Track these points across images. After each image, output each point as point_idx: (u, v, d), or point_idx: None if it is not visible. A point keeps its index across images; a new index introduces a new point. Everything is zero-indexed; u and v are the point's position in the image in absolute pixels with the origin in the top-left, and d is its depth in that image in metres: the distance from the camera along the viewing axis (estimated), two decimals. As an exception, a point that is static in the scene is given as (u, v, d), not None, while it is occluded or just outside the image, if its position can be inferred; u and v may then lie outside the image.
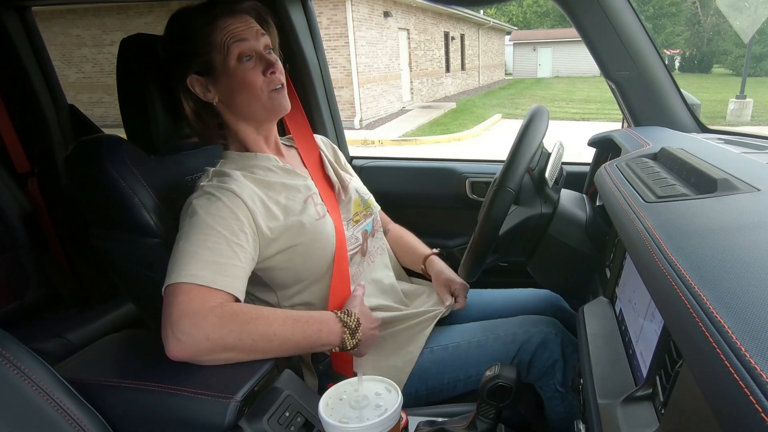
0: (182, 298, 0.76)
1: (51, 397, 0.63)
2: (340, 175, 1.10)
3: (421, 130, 10.59)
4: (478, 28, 20.30)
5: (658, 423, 0.49)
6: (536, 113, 0.94)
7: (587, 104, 14.27)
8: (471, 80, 20.12)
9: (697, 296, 0.37)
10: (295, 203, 0.96)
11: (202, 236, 0.81)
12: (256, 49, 0.92)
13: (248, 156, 0.99)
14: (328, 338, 0.85)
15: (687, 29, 28.34)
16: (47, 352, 1.36)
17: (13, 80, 1.67)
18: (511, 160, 0.90)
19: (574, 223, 1.01)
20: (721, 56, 26.95)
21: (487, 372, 0.74)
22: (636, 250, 0.53)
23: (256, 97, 0.93)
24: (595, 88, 18.33)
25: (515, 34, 28.09)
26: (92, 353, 0.89)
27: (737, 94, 11.11)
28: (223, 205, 0.86)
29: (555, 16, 35.51)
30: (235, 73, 0.91)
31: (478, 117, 12.11)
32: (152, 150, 1.09)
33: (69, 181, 1.09)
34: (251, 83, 0.91)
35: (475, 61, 20.61)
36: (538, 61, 27.73)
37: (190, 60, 0.92)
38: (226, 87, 0.93)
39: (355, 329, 0.87)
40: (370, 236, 1.10)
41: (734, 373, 0.29)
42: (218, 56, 0.91)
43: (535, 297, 1.21)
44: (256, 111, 0.95)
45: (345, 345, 0.86)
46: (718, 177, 0.60)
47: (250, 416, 0.72)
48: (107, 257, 1.02)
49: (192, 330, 0.74)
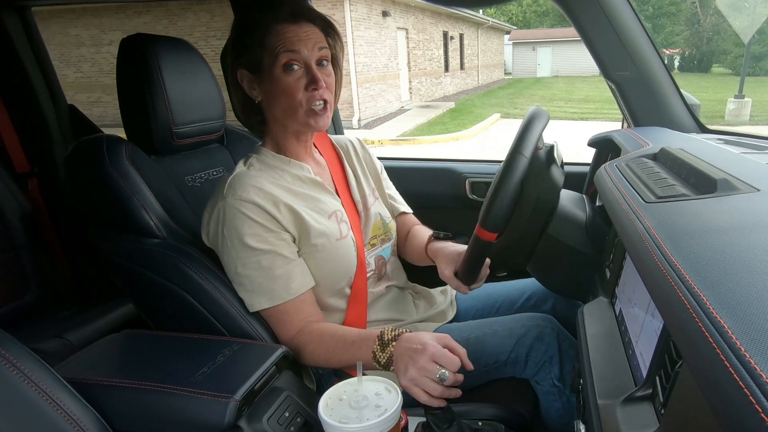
0: (273, 323, 0.94)
1: (50, 397, 0.63)
2: (365, 194, 1.10)
3: (420, 130, 10.58)
4: (477, 27, 20.29)
5: (657, 423, 0.49)
6: (535, 113, 0.94)
7: (586, 104, 14.29)
8: (470, 80, 20.12)
9: (696, 296, 0.37)
10: (320, 216, 0.97)
11: (255, 259, 0.90)
12: (306, 60, 0.90)
13: (282, 159, 0.99)
14: (364, 355, 0.83)
15: (686, 29, 28.36)
16: (47, 352, 1.36)
17: (13, 80, 1.67)
18: (523, 131, 0.89)
19: (573, 223, 1.00)
20: (720, 56, 26.95)
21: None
22: (636, 251, 0.53)
23: (294, 109, 0.91)
24: (594, 87, 18.34)
25: (514, 34, 28.11)
26: (92, 353, 0.89)
27: (736, 94, 11.11)
28: (252, 222, 0.89)
29: (554, 15, 35.62)
30: (279, 81, 0.90)
31: (477, 116, 12.11)
32: (152, 150, 1.09)
33: (69, 181, 1.09)
34: (292, 95, 0.90)
35: (474, 60, 20.61)
36: (538, 60, 27.74)
37: (243, 54, 0.93)
38: (269, 91, 0.92)
39: (387, 343, 0.82)
40: (387, 262, 1.11)
41: (734, 374, 0.29)
42: (267, 59, 0.90)
43: (532, 294, 1.21)
44: (291, 122, 0.95)
45: (377, 359, 0.82)
46: (718, 177, 0.60)
47: (249, 416, 0.72)
48: (107, 257, 1.02)
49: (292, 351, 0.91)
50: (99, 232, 1.04)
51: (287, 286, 0.91)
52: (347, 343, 0.88)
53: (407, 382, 0.76)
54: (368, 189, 1.12)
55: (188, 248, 0.96)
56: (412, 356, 0.77)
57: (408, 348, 0.79)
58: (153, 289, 0.96)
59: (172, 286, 0.93)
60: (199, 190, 1.15)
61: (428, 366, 0.75)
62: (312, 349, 0.91)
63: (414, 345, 0.78)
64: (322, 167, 1.07)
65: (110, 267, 1.03)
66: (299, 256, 0.95)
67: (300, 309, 0.93)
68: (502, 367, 1.00)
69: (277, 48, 0.88)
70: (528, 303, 1.20)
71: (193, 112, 1.11)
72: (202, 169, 1.19)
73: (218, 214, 0.90)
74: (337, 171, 1.09)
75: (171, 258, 0.93)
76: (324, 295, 0.99)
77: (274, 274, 0.90)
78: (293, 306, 0.92)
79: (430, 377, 0.75)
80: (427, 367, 0.75)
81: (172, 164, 1.12)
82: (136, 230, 0.98)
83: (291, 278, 0.91)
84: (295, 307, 0.92)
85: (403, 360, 0.79)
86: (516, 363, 0.99)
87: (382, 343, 0.82)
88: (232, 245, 0.90)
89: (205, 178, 1.18)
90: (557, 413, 1.00)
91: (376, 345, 0.83)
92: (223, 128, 1.25)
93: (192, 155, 1.18)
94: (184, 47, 1.12)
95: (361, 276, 1.01)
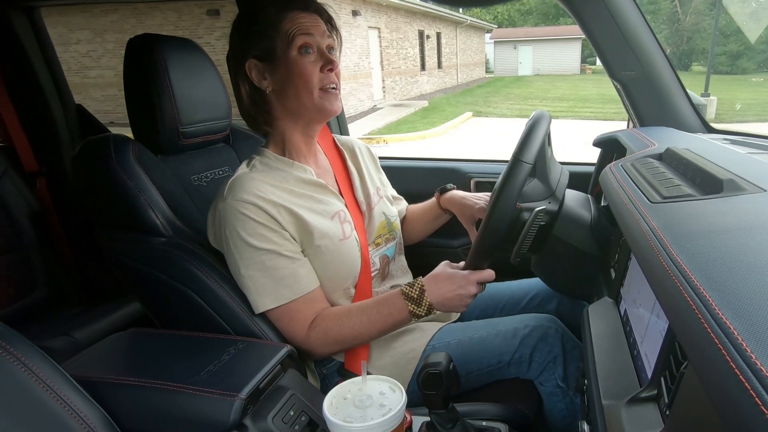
0: (285, 323, 0.94)
1: (58, 394, 0.63)
2: (369, 194, 1.10)
3: (388, 129, 10.57)
4: (456, 26, 20.22)
5: (662, 424, 0.49)
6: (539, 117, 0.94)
7: (559, 102, 14.37)
8: (449, 78, 20.05)
9: (702, 297, 0.37)
10: (323, 218, 0.97)
11: (258, 259, 0.90)
12: (319, 45, 0.93)
13: (285, 161, 0.99)
14: (399, 316, 0.92)
15: (666, 27, 28.18)
16: (54, 350, 1.37)
17: (21, 80, 1.69)
18: (526, 136, 0.89)
19: (578, 223, 1.00)
20: (700, 55, 26.83)
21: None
22: (641, 251, 0.52)
23: (309, 92, 0.93)
24: (572, 86, 18.42)
25: (496, 32, 28.12)
26: (98, 351, 0.90)
27: (702, 93, 11.02)
28: (255, 224, 0.89)
29: (538, 14, 35.84)
30: (294, 64, 0.92)
31: (448, 115, 12.14)
32: (158, 150, 1.10)
33: (76, 181, 1.09)
34: (308, 76, 0.92)
35: (453, 59, 20.57)
36: (519, 59, 27.74)
37: (253, 42, 0.94)
38: (283, 77, 0.93)
39: (419, 298, 0.91)
40: (391, 261, 1.11)
41: (740, 375, 0.29)
42: (281, 44, 0.92)
43: (536, 294, 1.21)
44: (305, 107, 0.95)
45: (418, 314, 0.92)
46: (724, 177, 0.60)
47: (254, 414, 0.72)
48: (113, 256, 1.02)
49: (306, 351, 0.95)
50: (105, 231, 1.04)
51: (292, 285, 0.91)
52: (368, 312, 0.93)
53: (475, 291, 0.92)
54: (372, 188, 1.12)
55: (194, 247, 0.96)
56: (458, 290, 0.91)
57: (446, 288, 0.91)
58: (159, 287, 0.97)
59: (178, 284, 0.94)
60: (205, 189, 1.16)
61: (477, 289, 0.93)
62: (335, 334, 0.93)
63: (449, 283, 0.92)
64: (325, 168, 1.07)
65: (117, 266, 1.04)
66: (304, 256, 0.95)
67: (310, 306, 0.93)
68: (506, 367, 1.00)
69: (292, 31, 0.91)
70: (532, 303, 1.20)
71: (200, 111, 1.12)
72: (208, 168, 1.19)
73: (219, 216, 0.91)
74: (341, 171, 1.09)
75: (177, 257, 0.94)
76: (330, 296, 0.99)
77: (279, 274, 0.91)
78: (303, 304, 0.93)
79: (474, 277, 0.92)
80: (477, 290, 0.93)
81: (178, 164, 1.13)
82: (142, 229, 0.99)
83: (296, 277, 0.92)
84: (304, 304, 0.93)
85: (451, 299, 0.92)
86: (520, 363, 0.99)
87: (413, 300, 0.91)
88: (235, 246, 0.90)
89: (211, 177, 1.19)
90: (561, 414, 1.00)
91: (409, 305, 0.91)
92: (229, 128, 1.25)
93: (198, 155, 1.19)
94: (190, 47, 1.13)
95: (365, 275, 1.01)
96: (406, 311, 0.92)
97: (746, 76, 19.14)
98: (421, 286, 0.92)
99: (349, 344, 0.95)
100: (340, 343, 0.94)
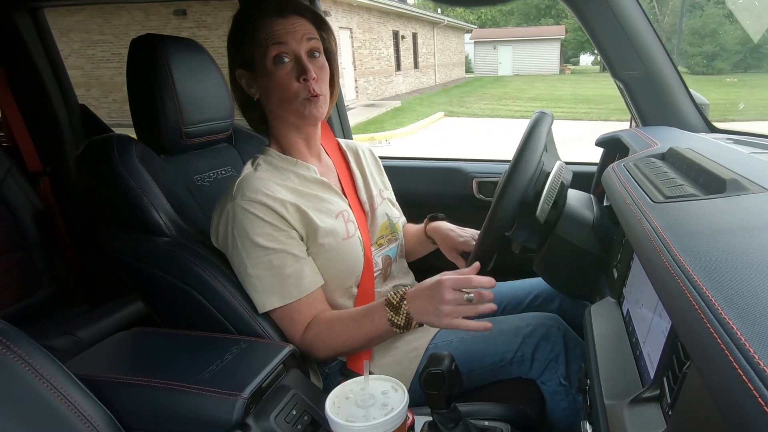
0: (287, 323, 0.93)
1: (61, 393, 0.63)
2: (372, 195, 1.10)
3: (357, 129, 10.43)
4: (433, 27, 20.12)
5: (665, 424, 0.49)
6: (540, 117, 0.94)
7: (533, 102, 14.32)
8: (426, 78, 19.92)
9: (705, 297, 0.37)
10: (327, 216, 0.97)
11: (265, 258, 0.90)
12: (295, 52, 0.91)
13: (289, 160, 1.00)
14: (381, 324, 0.88)
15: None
16: (58, 349, 1.38)
17: (25, 80, 1.69)
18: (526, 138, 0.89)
19: (581, 223, 1.00)
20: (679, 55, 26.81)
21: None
22: (643, 251, 0.52)
23: (289, 101, 0.92)
24: (549, 86, 18.38)
25: (476, 33, 27.99)
26: (102, 350, 0.91)
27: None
28: (262, 222, 0.89)
29: (519, 14, 35.93)
30: (271, 75, 0.91)
31: (419, 115, 12.03)
32: (161, 149, 1.10)
33: (79, 180, 1.10)
34: (285, 87, 0.91)
35: (431, 59, 20.47)
36: (499, 59, 27.60)
37: (238, 52, 0.94)
38: (264, 86, 0.94)
39: (398, 305, 0.85)
40: (393, 262, 1.11)
41: (742, 375, 0.29)
42: (258, 54, 0.91)
43: (538, 294, 1.21)
44: (288, 115, 0.95)
45: (396, 323, 0.86)
46: (727, 177, 0.60)
47: (257, 414, 0.73)
48: (116, 256, 1.03)
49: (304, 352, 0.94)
50: (109, 230, 1.05)
51: (298, 284, 0.92)
52: (356, 319, 0.90)
53: (446, 321, 0.80)
54: (376, 190, 1.12)
55: (197, 247, 0.96)
56: (432, 297, 0.81)
57: (424, 296, 0.83)
58: (162, 287, 0.97)
59: (181, 284, 0.94)
60: (208, 189, 1.16)
61: (453, 295, 0.80)
62: (325, 338, 0.92)
63: (427, 291, 0.83)
64: (329, 168, 1.08)
65: (120, 265, 1.04)
66: (308, 255, 0.95)
67: (311, 306, 0.94)
68: (508, 366, 1.00)
69: (266, 42, 0.90)
70: (534, 303, 1.20)
71: (203, 111, 1.12)
72: (211, 168, 1.20)
73: (227, 216, 0.91)
74: (344, 172, 1.10)
75: (180, 256, 0.94)
76: (332, 295, 0.99)
77: (285, 272, 0.91)
78: (305, 304, 0.93)
79: (461, 303, 0.79)
80: (453, 296, 0.79)
81: (181, 163, 1.13)
82: (145, 229, 0.99)
83: (302, 276, 0.92)
84: (306, 305, 0.93)
85: (426, 307, 0.82)
86: (522, 362, 0.99)
87: (393, 307, 0.85)
88: (243, 246, 0.90)
89: (214, 177, 1.19)
90: (563, 413, 1.00)
91: (388, 312, 0.86)
92: (232, 128, 1.26)
93: (201, 155, 1.19)
94: (193, 47, 1.13)
95: (368, 275, 1.01)
96: (386, 319, 0.87)
97: (721, 76, 19.11)
98: (403, 294, 0.87)
99: (339, 350, 0.94)
100: (331, 349, 0.93)
